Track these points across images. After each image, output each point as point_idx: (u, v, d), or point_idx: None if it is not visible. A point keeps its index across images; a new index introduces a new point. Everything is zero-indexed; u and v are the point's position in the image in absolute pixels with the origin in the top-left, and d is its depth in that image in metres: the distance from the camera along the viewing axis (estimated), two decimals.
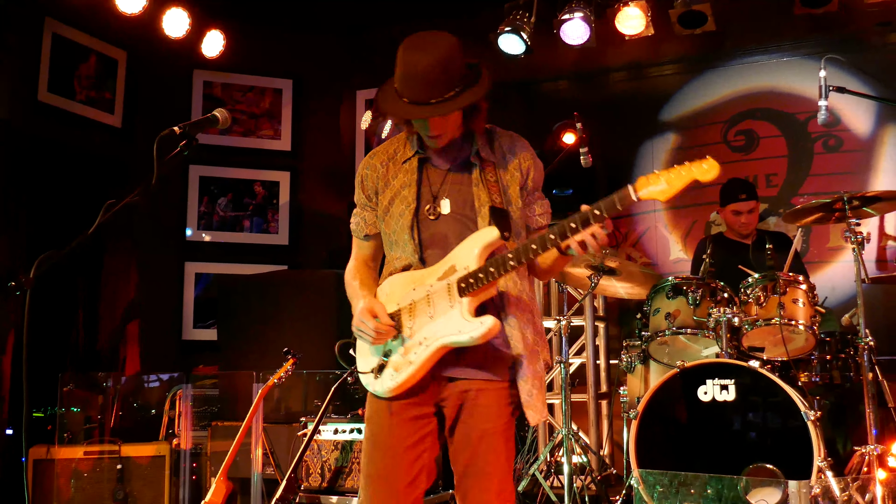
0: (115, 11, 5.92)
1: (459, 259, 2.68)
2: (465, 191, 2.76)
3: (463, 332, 2.61)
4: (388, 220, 2.83)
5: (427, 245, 2.77)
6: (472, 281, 2.61)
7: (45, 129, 5.97)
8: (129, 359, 6.43)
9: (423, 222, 2.77)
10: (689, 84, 6.54)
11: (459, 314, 2.63)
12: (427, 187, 2.80)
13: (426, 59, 2.62)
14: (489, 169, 2.76)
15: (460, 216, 2.74)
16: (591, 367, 5.85)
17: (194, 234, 6.89)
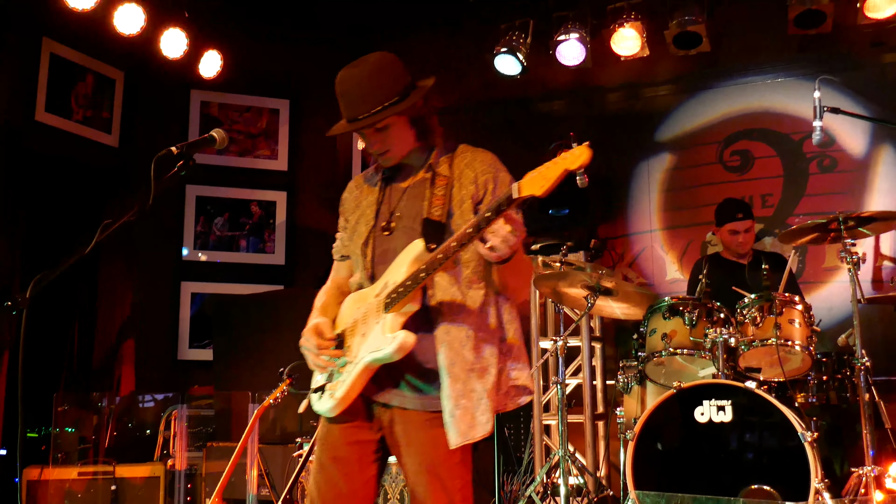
0: (113, 32, 5.94)
1: (391, 275, 2.67)
2: (416, 204, 2.76)
3: (380, 349, 2.58)
4: (354, 239, 2.86)
5: (378, 262, 2.77)
6: (395, 295, 2.60)
7: (43, 148, 5.98)
8: (123, 378, 6.41)
9: (377, 239, 2.78)
10: (684, 104, 6.57)
11: (380, 331, 2.61)
12: (386, 206, 2.82)
13: (355, 75, 2.69)
14: (440, 182, 2.75)
15: (409, 230, 2.73)
16: (588, 388, 5.83)
17: (190, 254, 6.88)
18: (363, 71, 2.69)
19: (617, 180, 6.59)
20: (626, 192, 6.58)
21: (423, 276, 2.55)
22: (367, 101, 2.66)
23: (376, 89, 2.67)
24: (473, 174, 2.77)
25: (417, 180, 2.81)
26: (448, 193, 2.73)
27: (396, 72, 2.73)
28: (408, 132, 2.77)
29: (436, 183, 2.75)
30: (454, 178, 2.77)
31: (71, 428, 5.46)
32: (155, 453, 5.57)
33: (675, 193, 6.49)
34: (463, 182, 2.76)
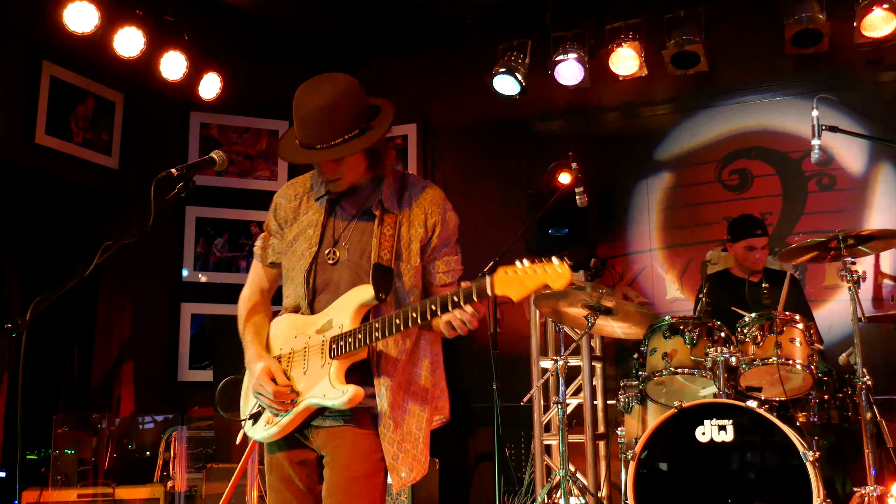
0: (113, 54, 5.97)
1: (337, 315, 2.66)
2: (364, 240, 2.73)
3: (327, 398, 2.59)
4: (289, 255, 2.83)
5: (319, 290, 2.75)
6: (343, 343, 2.60)
7: (43, 170, 6.00)
8: (123, 400, 6.39)
9: (320, 266, 2.75)
10: (683, 123, 6.58)
11: (328, 378, 2.61)
12: (331, 231, 2.78)
13: (315, 101, 2.59)
14: (389, 220, 2.72)
15: (355, 265, 2.72)
16: (589, 408, 5.81)
17: (190, 275, 6.88)
18: (324, 97, 2.59)
19: (616, 199, 6.60)
20: (626, 212, 6.59)
21: (378, 336, 2.56)
22: (326, 130, 2.58)
23: (337, 120, 2.59)
24: (423, 215, 2.75)
25: (365, 213, 2.76)
26: (396, 234, 2.71)
27: (356, 100, 2.64)
28: (361, 161, 2.72)
29: (385, 221, 2.71)
30: (403, 216, 2.74)
31: (70, 450, 5.43)
32: (155, 475, 5.55)
33: (674, 212, 6.50)
34: (412, 222, 2.74)
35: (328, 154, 2.60)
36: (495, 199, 6.78)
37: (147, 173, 2.63)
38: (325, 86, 2.62)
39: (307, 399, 2.64)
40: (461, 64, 7.09)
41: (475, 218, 6.72)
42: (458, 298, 2.44)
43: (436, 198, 2.79)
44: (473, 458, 6.55)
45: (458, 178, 7.04)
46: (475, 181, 6.99)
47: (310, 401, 2.63)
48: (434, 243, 2.76)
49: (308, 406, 2.64)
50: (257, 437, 2.76)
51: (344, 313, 2.64)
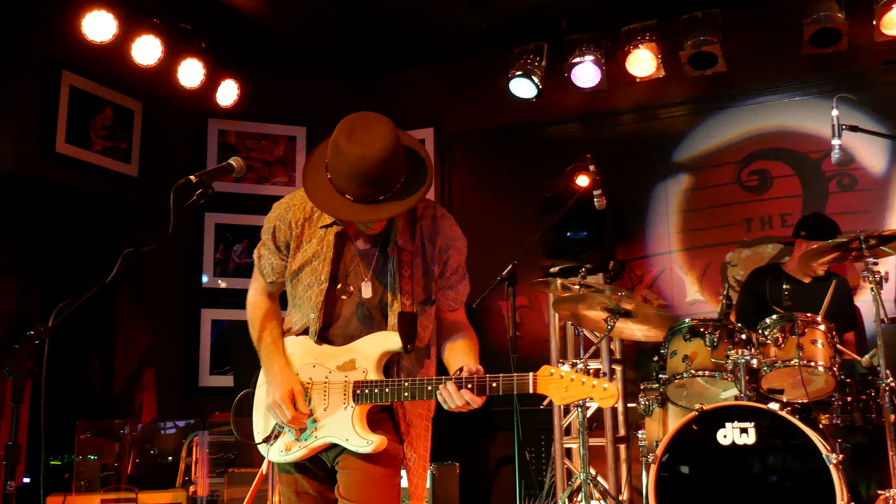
0: (131, 63, 6.01)
1: (360, 356, 2.67)
2: (378, 280, 2.71)
3: (351, 444, 2.62)
4: (295, 284, 2.79)
5: (329, 320, 2.74)
6: (368, 393, 2.62)
7: (63, 179, 6.04)
8: (145, 406, 6.43)
9: (329, 301, 2.73)
10: (701, 125, 6.55)
11: (350, 422, 2.63)
12: (343, 265, 2.74)
13: (370, 154, 2.43)
14: (405, 259, 2.69)
15: (369, 304, 2.71)
16: (609, 411, 5.79)
17: (210, 281, 6.91)
18: (379, 149, 2.44)
19: (634, 202, 6.57)
20: (644, 214, 6.56)
21: (407, 397, 2.60)
22: (386, 183, 2.47)
23: (396, 166, 2.48)
24: (436, 248, 2.74)
25: (380, 247, 2.72)
26: (413, 275, 2.70)
27: (399, 141, 2.52)
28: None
29: (402, 262, 2.69)
30: (416, 252, 2.72)
31: (93, 455, 5.47)
32: (177, 480, 5.57)
33: (693, 214, 6.46)
34: (427, 259, 2.73)
35: (395, 207, 2.48)
36: (512, 204, 6.77)
37: (166, 181, 2.63)
38: (374, 135, 2.47)
39: (328, 437, 2.66)
40: (477, 70, 7.09)
41: (492, 223, 6.72)
42: (498, 386, 2.50)
43: (446, 228, 2.76)
44: (493, 462, 6.54)
45: (475, 184, 7.03)
46: (492, 186, 6.98)
47: (330, 439, 2.66)
48: (447, 274, 2.76)
49: (328, 443, 2.67)
50: (271, 458, 2.78)
51: (368, 358, 2.66)
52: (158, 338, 6.65)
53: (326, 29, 6.66)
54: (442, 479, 5.42)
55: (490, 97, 6.93)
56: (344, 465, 2.66)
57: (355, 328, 2.70)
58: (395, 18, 6.55)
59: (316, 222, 2.77)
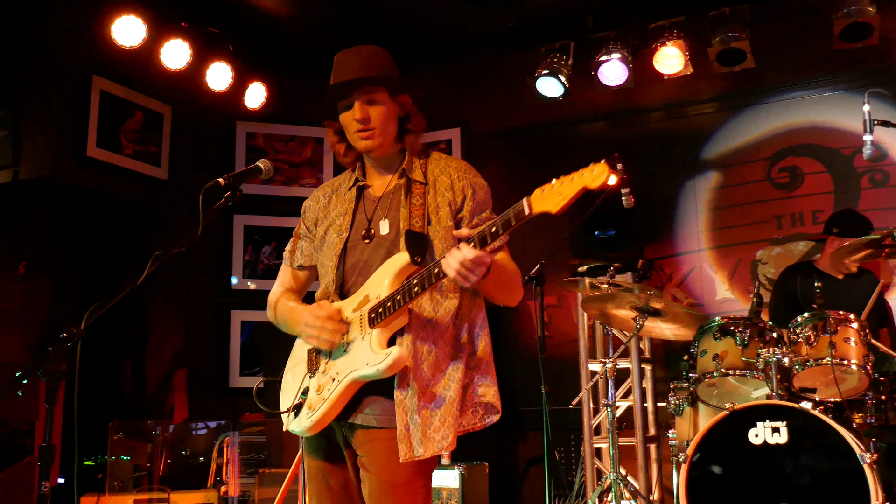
0: (160, 67, 6.07)
1: (372, 288, 2.64)
2: (393, 215, 2.74)
3: (370, 365, 2.54)
4: (324, 250, 2.83)
5: (350, 273, 2.74)
6: (381, 310, 2.57)
7: (94, 183, 6.11)
8: (176, 407, 6.49)
9: (351, 249, 2.75)
10: (730, 121, 6.50)
11: (368, 346, 2.57)
12: (362, 213, 2.80)
13: (357, 50, 2.79)
14: (417, 190, 2.73)
15: (386, 240, 2.71)
16: (639, 411, 5.77)
17: (239, 283, 6.96)
18: (366, 48, 2.79)
19: (663, 200, 6.54)
20: (673, 212, 6.53)
21: (418, 290, 2.53)
22: (369, 66, 2.73)
23: (378, 61, 2.76)
24: (449, 180, 2.76)
25: (391, 188, 2.79)
26: (424, 202, 2.72)
27: (393, 62, 2.82)
28: (392, 123, 2.77)
29: (412, 191, 2.73)
30: (429, 184, 2.76)
31: (126, 456, 5.53)
32: (208, 480, 5.62)
33: (722, 212, 6.42)
34: (438, 188, 2.75)
35: (369, 80, 2.70)
36: None
37: (195, 183, 2.66)
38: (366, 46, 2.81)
39: (350, 372, 2.58)
40: (503, 69, 7.09)
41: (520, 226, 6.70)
42: (497, 228, 2.40)
43: (461, 165, 2.82)
44: (523, 462, 6.54)
45: (501, 183, 6.96)
46: (519, 185, 6.88)
47: (354, 374, 2.57)
48: (469, 207, 2.74)
49: (353, 380, 2.58)
50: (299, 428, 2.70)
51: (379, 286, 2.62)
52: (189, 339, 6.71)
53: (353, 32, 6.68)
54: (471, 480, 5.42)
55: (517, 96, 6.93)
56: (363, 462, 2.61)
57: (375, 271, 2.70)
58: (421, 19, 6.56)
59: (342, 192, 2.88)
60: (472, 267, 2.41)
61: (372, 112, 2.73)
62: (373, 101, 2.73)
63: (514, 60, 6.95)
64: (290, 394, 2.78)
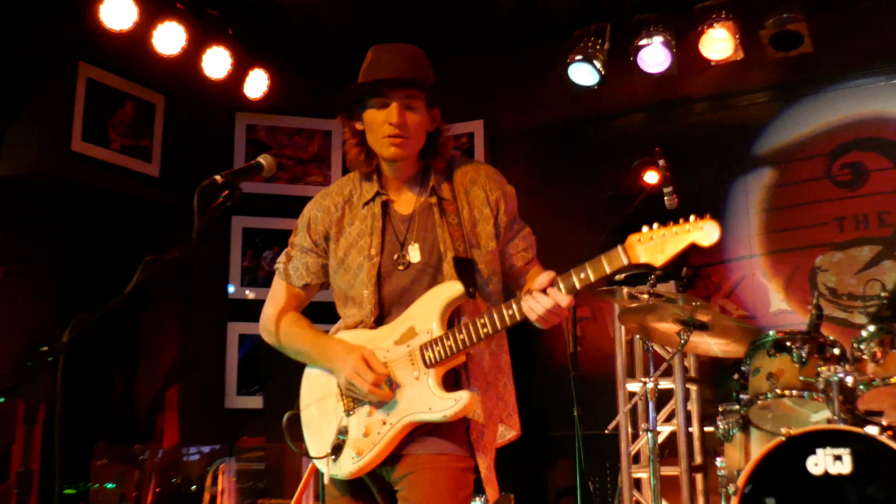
0: (153, 53, 6.09)
1: (419, 319, 2.67)
2: (430, 237, 2.77)
3: (435, 410, 2.60)
4: (342, 273, 2.84)
5: (390, 303, 2.77)
6: (439, 349, 2.61)
7: (80, 180, 6.15)
8: (167, 429, 6.51)
9: (386, 276, 2.77)
10: (785, 113, 6.47)
11: (429, 388, 2.61)
12: (392, 234, 2.81)
13: (399, 47, 2.84)
14: (450, 209, 2.76)
15: (426, 266, 2.75)
16: (683, 436, 5.74)
17: (238, 292, 6.98)
18: (408, 48, 2.83)
19: (710, 200, 6.51)
20: (722, 213, 6.49)
21: (489, 332, 2.59)
22: (412, 70, 2.77)
23: (422, 67, 2.81)
24: (483, 193, 2.81)
25: (421, 206, 2.81)
26: (460, 220, 2.76)
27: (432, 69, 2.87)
28: (423, 135, 2.81)
29: (446, 211, 2.76)
30: (461, 200, 2.80)
31: (111, 483, 5.55)
32: None
33: (777, 213, 6.39)
34: (473, 203, 2.80)
35: (416, 83, 2.74)
36: (572, 204, 6.75)
37: (190, 180, 2.67)
38: (408, 46, 2.86)
39: (408, 415, 2.63)
40: (531, 56, 7.08)
41: (550, 225, 6.66)
42: (588, 273, 2.48)
43: (489, 172, 2.88)
44: (553, 493, 6.52)
45: (530, 182, 7.01)
46: (549, 185, 6.96)
47: (411, 417, 2.63)
48: (504, 221, 2.81)
49: (410, 422, 2.64)
50: (342, 473, 2.72)
51: (428, 317, 2.66)
52: (182, 354, 6.73)
53: (369, 16, 6.70)
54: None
55: (547, 86, 6.91)
56: (405, 494, 2.65)
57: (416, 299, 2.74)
58: (442, 1, 6.56)
59: (357, 204, 2.87)
60: (560, 312, 2.54)
61: (408, 118, 2.76)
62: (410, 107, 2.76)
63: (543, 47, 6.94)
64: (322, 432, 2.80)
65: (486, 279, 2.73)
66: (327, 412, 2.80)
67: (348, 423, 2.73)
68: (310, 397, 2.89)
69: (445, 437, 2.65)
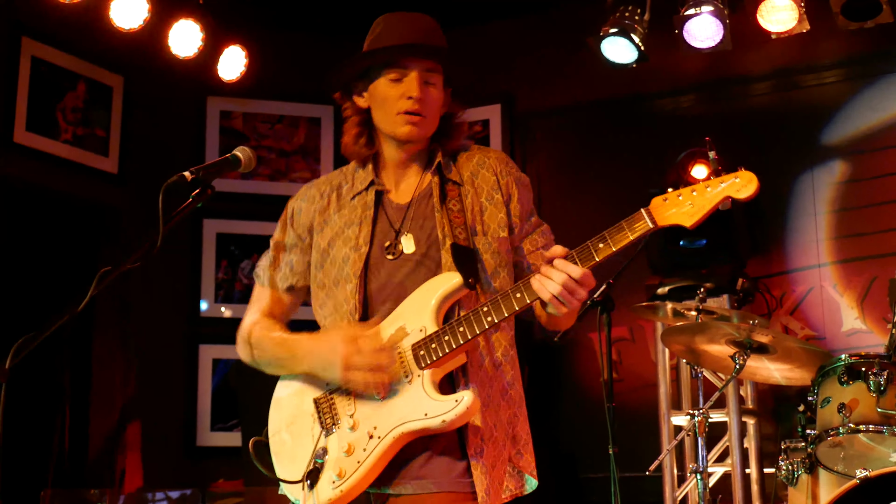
0: (110, 28, 6.09)
1: (410, 317, 2.68)
2: (427, 225, 2.80)
3: (432, 415, 2.58)
4: (326, 266, 2.87)
5: (377, 298, 2.78)
6: (434, 346, 2.61)
7: (23, 177, 6.17)
8: (128, 471, 6.52)
9: (374, 268, 2.79)
10: (859, 95, 6.47)
11: (423, 392, 2.61)
12: (385, 222, 2.85)
13: (414, 15, 2.90)
14: (453, 193, 2.80)
15: (422, 257, 2.77)
16: (739, 479, 5.74)
17: (210, 308, 7.00)
18: (424, 17, 2.91)
19: (770, 199, 6.51)
20: (784, 215, 6.50)
21: (492, 320, 2.59)
22: (432, 39, 2.84)
23: (440, 39, 2.89)
24: (493, 177, 2.85)
25: (422, 191, 2.85)
26: (463, 206, 2.78)
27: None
28: (437, 116, 2.87)
29: (448, 195, 2.79)
30: (466, 184, 2.84)
31: None
32: None
33: (850, 214, 6.38)
34: (480, 187, 2.84)
35: (441, 50, 2.83)
36: (607, 201, 6.74)
37: (153, 177, 2.68)
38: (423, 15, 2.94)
39: (401, 424, 2.62)
40: (559, 28, 7.10)
41: (580, 226, 6.64)
42: (608, 241, 2.49)
43: (501, 157, 2.92)
44: None
45: (557, 175, 7.03)
46: (579, 178, 6.97)
47: (404, 427, 2.62)
48: (517, 211, 2.84)
49: (403, 433, 2.62)
50: (320, 500, 2.69)
51: (420, 314, 2.66)
52: (145, 383, 6.74)
53: None
54: None
55: (577, 63, 6.92)
56: None
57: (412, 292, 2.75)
58: None
59: (346, 194, 2.92)
60: (576, 288, 2.50)
61: (431, 93, 2.81)
62: (429, 82, 2.81)
63: (571, 16, 6.94)
64: (295, 458, 2.79)
65: (492, 272, 2.74)
66: (301, 435, 2.80)
67: (327, 442, 2.72)
68: (279, 422, 2.88)
69: (444, 471, 2.64)
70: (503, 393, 2.77)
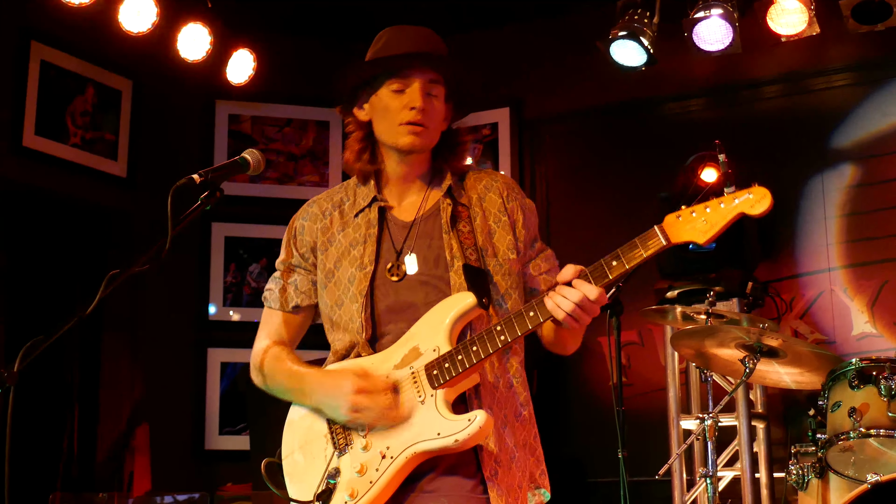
0: (118, 31, 6.11)
1: (423, 338, 2.69)
2: (434, 245, 2.80)
3: (444, 435, 2.59)
4: (331, 287, 2.87)
5: (384, 319, 2.79)
6: (447, 366, 2.62)
7: (33, 181, 6.18)
8: (136, 475, 6.52)
9: (381, 287, 2.80)
10: (870, 99, 6.46)
11: (436, 411, 2.61)
12: (388, 242, 2.85)
13: (417, 28, 2.92)
14: (463, 215, 2.81)
15: (430, 278, 2.78)
16: (749, 484, 5.73)
17: (219, 312, 7.00)
18: (426, 30, 2.92)
19: (780, 203, 6.39)
20: (794, 218, 6.49)
21: (505, 339, 2.60)
22: (436, 49, 2.86)
23: (444, 52, 2.90)
24: (500, 200, 2.87)
25: (427, 210, 2.86)
26: (472, 228, 2.80)
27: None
28: (439, 128, 2.89)
29: (458, 216, 2.81)
30: (474, 207, 2.85)
31: None
32: None
33: (861, 218, 6.37)
34: (488, 209, 2.86)
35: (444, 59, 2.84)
36: (616, 206, 6.74)
37: (162, 181, 2.69)
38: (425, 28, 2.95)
39: (414, 444, 2.63)
40: (567, 31, 7.09)
41: (589, 230, 6.69)
42: (622, 260, 2.54)
43: (508, 181, 2.94)
44: None
45: (566, 180, 7.02)
46: (587, 181, 6.97)
47: (417, 447, 2.63)
48: (523, 235, 2.86)
49: (416, 453, 2.63)
50: None
51: (434, 335, 2.67)
52: (153, 387, 6.74)
53: None
54: None
55: (585, 67, 6.92)
56: None
57: (421, 315, 2.75)
58: None
59: (349, 211, 2.92)
60: (591, 306, 2.55)
61: (433, 105, 2.83)
62: (431, 94, 2.82)
63: (580, 21, 6.94)
64: (307, 479, 2.81)
65: (504, 293, 2.76)
66: (314, 456, 2.81)
67: (339, 463, 2.74)
68: (293, 444, 2.91)
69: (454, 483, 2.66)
70: (517, 414, 2.79)
